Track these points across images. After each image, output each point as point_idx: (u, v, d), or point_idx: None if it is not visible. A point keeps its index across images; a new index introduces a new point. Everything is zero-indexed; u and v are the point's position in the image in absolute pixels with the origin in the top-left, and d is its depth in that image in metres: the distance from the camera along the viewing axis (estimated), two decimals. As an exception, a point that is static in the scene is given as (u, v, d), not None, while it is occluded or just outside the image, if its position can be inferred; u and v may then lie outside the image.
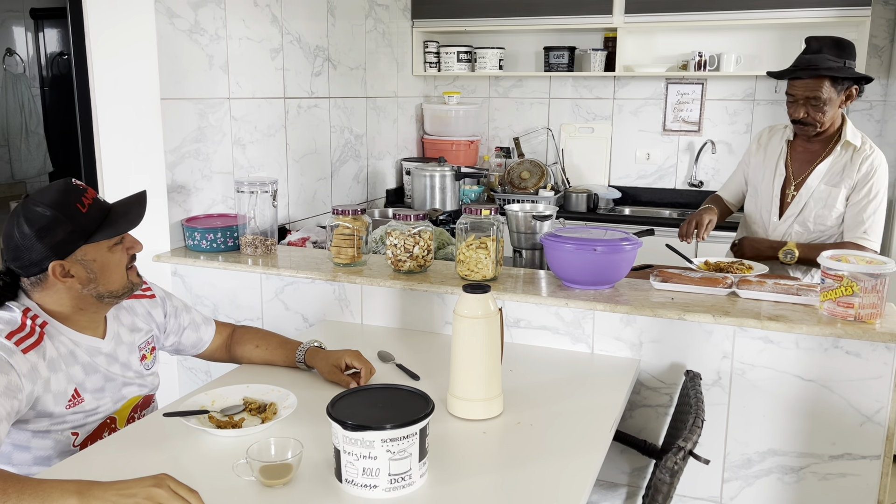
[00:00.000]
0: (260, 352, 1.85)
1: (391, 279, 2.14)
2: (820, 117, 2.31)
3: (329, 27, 3.27)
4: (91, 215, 1.46)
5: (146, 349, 1.69)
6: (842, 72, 2.27)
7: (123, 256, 1.52)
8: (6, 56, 4.23)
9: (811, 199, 2.39)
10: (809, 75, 2.28)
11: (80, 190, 1.47)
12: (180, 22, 2.42)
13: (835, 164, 2.37)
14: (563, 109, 4.23)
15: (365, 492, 1.26)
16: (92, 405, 1.52)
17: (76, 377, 1.50)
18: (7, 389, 1.32)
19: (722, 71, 3.77)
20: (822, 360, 1.79)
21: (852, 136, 2.36)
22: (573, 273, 2.02)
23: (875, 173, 2.32)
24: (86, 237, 1.45)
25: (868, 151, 2.35)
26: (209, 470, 1.36)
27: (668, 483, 1.42)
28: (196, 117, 2.52)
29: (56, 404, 1.45)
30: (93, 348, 1.55)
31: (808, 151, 2.43)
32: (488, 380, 1.57)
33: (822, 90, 2.27)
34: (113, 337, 1.60)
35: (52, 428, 1.47)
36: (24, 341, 1.40)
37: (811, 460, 1.84)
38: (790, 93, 2.35)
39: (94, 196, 1.49)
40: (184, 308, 1.82)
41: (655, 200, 4.10)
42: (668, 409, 1.96)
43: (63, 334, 1.50)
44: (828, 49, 2.30)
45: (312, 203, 3.25)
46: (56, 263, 1.43)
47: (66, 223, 1.42)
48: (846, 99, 2.33)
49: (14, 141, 4.23)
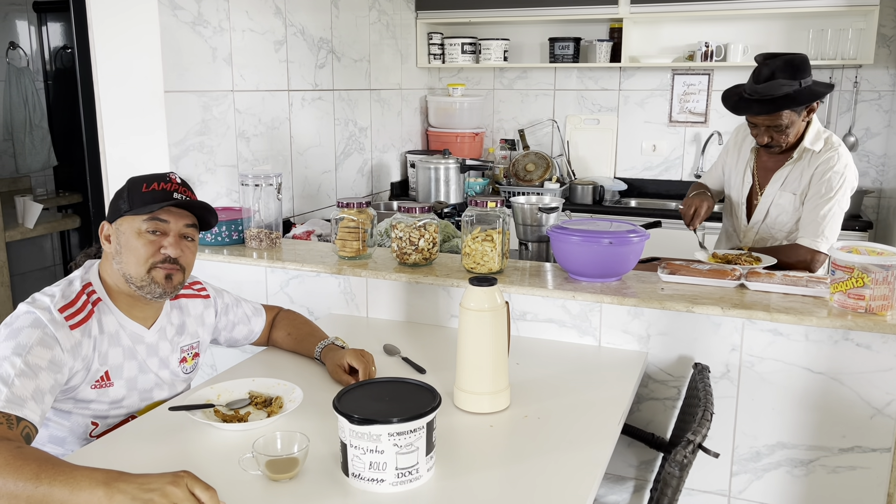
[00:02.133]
0: (290, 340, 1.88)
1: (396, 272, 2.12)
2: (784, 139, 2.26)
3: (333, 19, 3.25)
4: (145, 196, 1.49)
5: (188, 352, 1.70)
6: (799, 97, 2.17)
7: (151, 247, 1.50)
8: (9, 50, 4.22)
9: (772, 206, 2.37)
10: (765, 111, 2.19)
11: (163, 177, 1.53)
12: (183, 14, 2.40)
13: (794, 171, 2.32)
14: (569, 101, 4.20)
15: (372, 486, 1.25)
16: (119, 394, 1.54)
17: (112, 359, 1.52)
18: (52, 364, 1.37)
19: (729, 61, 3.74)
20: (832, 352, 1.77)
21: (812, 142, 2.28)
22: (580, 265, 2.01)
23: (830, 171, 2.23)
24: (126, 211, 1.50)
25: (826, 152, 2.27)
26: (215, 464, 1.35)
27: (677, 476, 1.41)
28: (200, 110, 2.51)
29: (84, 381, 1.48)
30: (136, 335, 1.57)
31: (772, 159, 2.39)
32: (495, 373, 1.56)
33: (781, 118, 2.20)
34: (159, 330, 1.62)
35: (74, 410, 1.50)
36: (74, 317, 1.45)
37: (821, 453, 1.83)
38: (750, 121, 2.28)
39: (170, 188, 1.51)
40: (234, 303, 1.84)
41: (662, 192, 4.08)
42: (675, 402, 1.94)
43: (112, 314, 1.54)
44: (780, 73, 2.17)
45: (317, 196, 3.24)
46: (105, 223, 1.54)
47: (125, 195, 1.51)
48: (809, 113, 2.26)
49: (18, 135, 4.22)
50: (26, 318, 1.39)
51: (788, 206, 2.33)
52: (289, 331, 1.89)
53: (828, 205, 2.22)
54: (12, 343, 1.35)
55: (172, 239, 1.53)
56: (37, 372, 1.33)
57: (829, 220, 2.23)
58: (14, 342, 1.35)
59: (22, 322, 1.39)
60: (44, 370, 1.35)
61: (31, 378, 1.32)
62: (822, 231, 2.22)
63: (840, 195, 2.23)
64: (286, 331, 1.89)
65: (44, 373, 1.35)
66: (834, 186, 2.23)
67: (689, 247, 3.04)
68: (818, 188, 2.25)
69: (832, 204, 2.22)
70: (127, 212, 1.49)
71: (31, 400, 1.30)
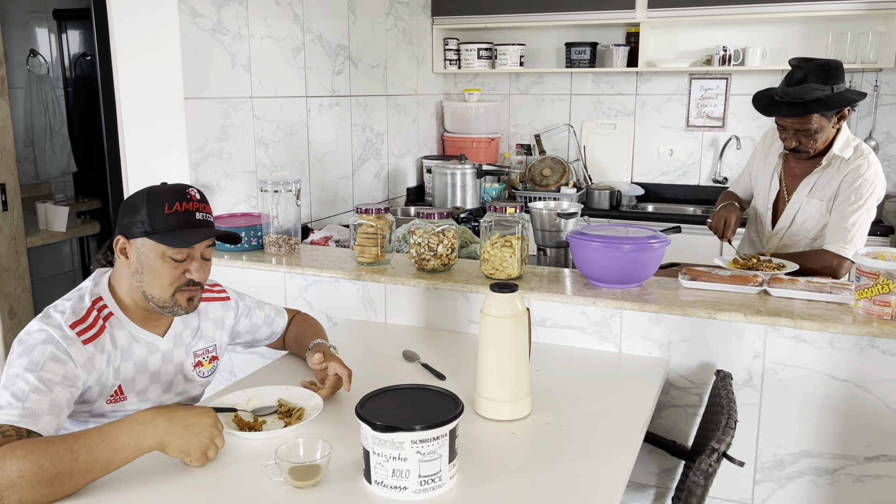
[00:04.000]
0: (295, 342, 1.88)
1: (415, 278, 2.12)
2: (812, 145, 2.23)
3: (350, 25, 3.26)
4: (169, 218, 1.47)
5: (203, 356, 1.69)
6: (830, 102, 2.15)
7: (175, 272, 1.49)
8: (30, 57, 4.26)
9: (799, 212, 2.34)
10: (796, 113, 2.17)
11: (182, 195, 1.49)
12: (203, 21, 2.42)
13: (822, 177, 2.30)
14: (585, 106, 4.19)
15: (395, 493, 1.24)
16: (133, 407, 1.54)
17: (124, 373, 1.52)
18: (65, 379, 1.38)
19: (747, 65, 3.72)
20: (858, 359, 1.75)
21: (841, 149, 2.26)
22: (600, 271, 2.00)
23: (860, 179, 2.21)
24: (148, 232, 1.47)
25: (856, 160, 2.24)
26: (238, 469, 1.35)
27: (701, 485, 1.40)
28: (219, 116, 2.52)
29: (100, 396, 1.49)
30: (151, 345, 1.57)
31: (800, 165, 2.36)
32: (516, 380, 1.55)
33: (811, 122, 2.17)
34: (173, 336, 1.62)
35: (90, 420, 1.50)
36: (86, 332, 1.45)
37: (845, 462, 1.80)
38: (779, 123, 2.26)
39: (192, 209, 1.49)
40: (257, 306, 1.84)
41: (679, 197, 4.06)
42: (697, 409, 1.93)
43: (125, 327, 1.53)
44: (813, 76, 2.16)
45: (334, 202, 3.25)
46: (121, 237, 1.50)
47: (144, 212, 1.47)
48: (839, 120, 2.23)
49: (38, 141, 4.27)
50: (39, 335, 1.40)
51: (815, 212, 2.31)
52: (295, 333, 1.89)
53: (857, 213, 2.21)
54: (25, 360, 1.36)
55: (197, 264, 1.52)
56: (51, 387, 1.34)
57: (858, 228, 2.21)
58: (27, 359, 1.36)
59: (35, 339, 1.39)
60: (58, 385, 1.35)
61: (46, 394, 1.33)
62: (851, 238, 2.20)
63: (869, 203, 2.22)
64: (293, 334, 1.89)
65: (58, 387, 1.35)
66: (864, 194, 2.21)
67: (708, 252, 3.02)
68: (847, 195, 2.23)
69: (861, 212, 2.21)
70: (150, 235, 1.46)
71: (47, 414, 1.31)
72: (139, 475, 1.30)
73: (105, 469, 1.24)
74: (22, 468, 1.18)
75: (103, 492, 1.26)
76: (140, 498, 1.26)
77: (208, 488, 1.30)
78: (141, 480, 1.29)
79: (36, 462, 1.19)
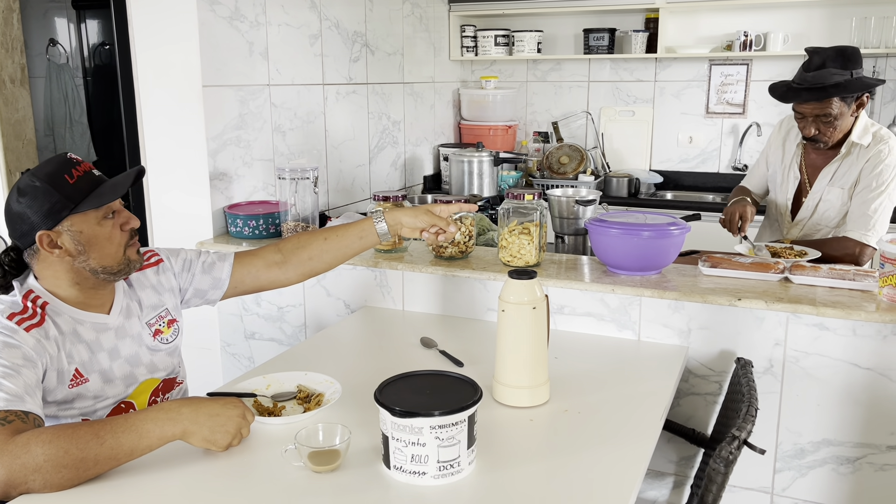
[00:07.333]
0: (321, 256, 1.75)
1: (432, 265, 2.12)
2: (830, 132, 2.20)
3: (367, 12, 3.25)
4: (79, 186, 1.43)
5: (159, 323, 1.64)
6: (850, 86, 2.12)
7: (116, 231, 1.48)
8: (49, 47, 4.30)
9: (820, 202, 2.32)
10: (815, 98, 2.14)
11: (72, 162, 1.46)
12: (221, 9, 2.42)
13: (843, 165, 2.27)
14: (603, 93, 4.15)
15: (414, 479, 1.24)
16: (96, 387, 1.49)
17: (78, 356, 1.47)
18: (26, 361, 1.34)
19: (768, 51, 3.66)
20: (881, 347, 1.72)
21: (860, 136, 2.23)
22: (619, 259, 1.98)
23: (882, 164, 2.18)
24: (70, 207, 1.43)
25: (876, 145, 2.21)
26: (257, 454, 1.36)
27: (722, 473, 1.39)
28: (237, 104, 2.52)
29: (60, 382, 1.44)
30: (99, 325, 1.52)
31: (820, 155, 2.33)
32: (535, 367, 1.55)
33: (831, 107, 2.15)
34: (120, 311, 1.57)
35: (59, 413, 1.46)
36: (26, 321, 1.40)
37: (868, 451, 1.79)
38: (797, 110, 2.23)
39: (88, 169, 1.47)
40: (195, 255, 1.74)
41: (698, 185, 4.02)
42: (717, 397, 1.91)
43: (65, 313, 1.48)
44: (831, 62, 2.14)
45: (351, 189, 3.25)
46: (43, 233, 1.42)
47: (53, 193, 1.41)
48: (858, 108, 2.20)
49: (59, 130, 4.31)
50: None
51: (836, 200, 2.28)
52: (311, 254, 1.74)
53: (879, 199, 2.18)
54: None
55: (126, 214, 1.51)
56: (17, 370, 1.31)
57: (880, 214, 2.18)
58: None
59: None
60: (22, 367, 1.32)
61: (16, 377, 1.30)
62: (874, 225, 2.17)
63: (891, 189, 2.19)
64: (308, 253, 1.73)
65: (23, 369, 1.32)
66: (885, 180, 2.18)
67: (728, 241, 2.99)
68: (868, 181, 2.20)
69: (883, 198, 2.18)
70: (75, 209, 1.43)
71: (27, 395, 1.29)
72: (159, 460, 1.31)
73: (129, 455, 1.25)
74: (48, 452, 1.19)
75: (124, 476, 1.27)
76: (160, 482, 1.27)
77: (228, 472, 1.31)
78: (161, 465, 1.31)
79: (62, 447, 1.20)
